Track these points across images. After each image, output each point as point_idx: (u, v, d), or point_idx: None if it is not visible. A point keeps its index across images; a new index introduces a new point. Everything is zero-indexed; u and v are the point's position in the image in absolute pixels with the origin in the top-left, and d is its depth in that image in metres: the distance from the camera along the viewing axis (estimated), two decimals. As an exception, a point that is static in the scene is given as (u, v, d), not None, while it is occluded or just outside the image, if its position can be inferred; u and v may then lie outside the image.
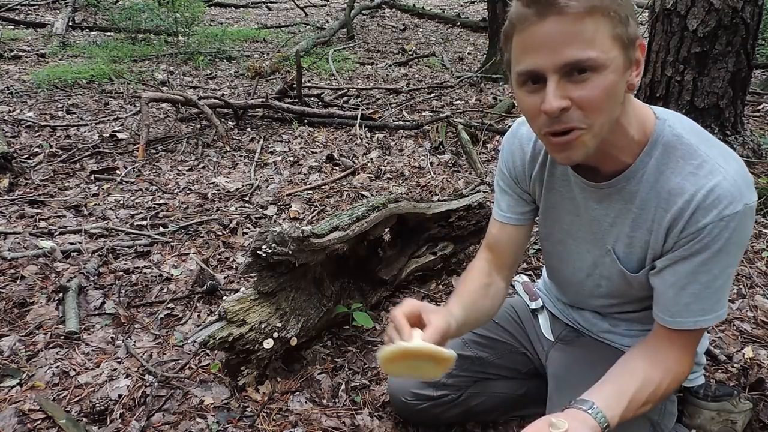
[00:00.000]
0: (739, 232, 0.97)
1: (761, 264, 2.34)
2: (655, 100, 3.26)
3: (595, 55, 0.86)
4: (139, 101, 3.94)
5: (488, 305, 1.26)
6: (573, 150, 0.94)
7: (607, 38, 0.86)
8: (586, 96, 0.88)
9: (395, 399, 1.51)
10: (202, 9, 7.79)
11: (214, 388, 1.69)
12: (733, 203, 0.94)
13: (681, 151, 0.99)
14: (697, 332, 1.07)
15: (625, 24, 0.88)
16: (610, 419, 0.97)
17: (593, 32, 0.85)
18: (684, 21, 3.08)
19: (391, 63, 6.57)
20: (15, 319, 1.99)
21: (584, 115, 0.90)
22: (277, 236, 1.59)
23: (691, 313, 1.03)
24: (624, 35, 0.88)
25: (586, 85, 0.88)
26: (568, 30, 0.85)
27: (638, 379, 1.04)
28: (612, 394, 1.02)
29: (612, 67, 0.88)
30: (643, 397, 1.02)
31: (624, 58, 0.89)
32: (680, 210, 0.98)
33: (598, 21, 0.85)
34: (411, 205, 2.09)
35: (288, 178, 3.35)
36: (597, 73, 0.87)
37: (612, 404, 0.99)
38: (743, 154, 3.20)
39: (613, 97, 0.91)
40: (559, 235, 1.24)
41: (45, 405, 1.59)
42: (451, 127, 3.98)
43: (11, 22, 7.75)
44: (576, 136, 0.92)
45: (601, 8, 0.85)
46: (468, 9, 10.83)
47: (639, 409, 1.03)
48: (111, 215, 2.81)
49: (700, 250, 0.99)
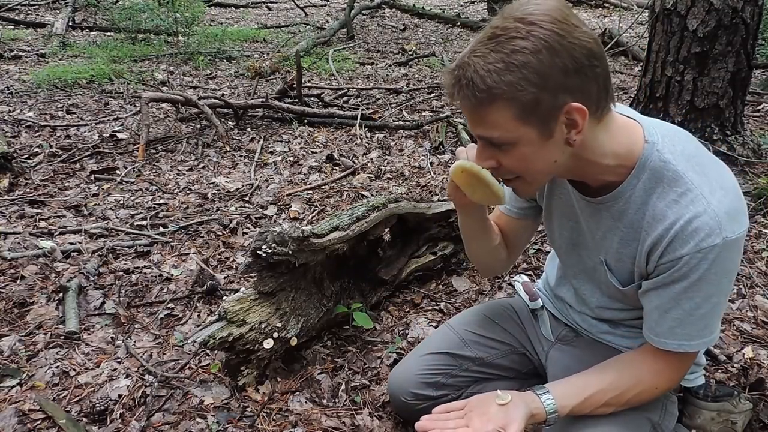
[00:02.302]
0: (720, 263, 0.96)
1: (761, 264, 2.34)
2: (655, 100, 3.26)
3: (498, 135, 0.93)
4: (139, 101, 3.94)
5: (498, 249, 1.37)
6: (518, 192, 1.07)
7: (509, 120, 0.91)
8: (506, 162, 0.98)
9: (395, 399, 1.51)
10: (202, 9, 7.79)
11: (214, 388, 1.69)
12: (711, 236, 0.94)
13: (667, 177, 0.99)
14: (684, 355, 1.08)
15: (532, 104, 0.88)
16: (560, 408, 1.09)
17: (495, 115, 0.91)
18: (684, 21, 3.08)
19: (391, 63, 6.56)
20: (15, 319, 1.99)
21: (512, 173, 1.00)
22: (277, 236, 1.59)
23: (676, 337, 1.05)
24: (532, 115, 0.90)
25: (505, 155, 0.97)
26: (473, 113, 0.94)
27: (605, 381, 1.12)
28: (572, 387, 1.13)
29: (523, 141, 0.93)
30: (604, 398, 1.10)
31: (539, 131, 0.92)
32: (659, 236, 0.99)
33: (494, 110, 0.90)
34: (411, 205, 2.09)
35: (288, 178, 3.35)
36: (511, 146, 0.94)
37: (568, 396, 1.10)
38: (743, 154, 3.20)
39: (536, 162, 0.96)
40: (560, 241, 1.26)
41: (45, 405, 1.59)
42: (451, 127, 3.98)
43: (11, 22, 7.75)
44: (513, 184, 1.04)
45: (495, 99, 0.89)
46: (468, 9, 10.83)
47: (598, 409, 1.11)
48: (111, 215, 2.81)
49: (680, 279, 1.00)
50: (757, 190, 2.82)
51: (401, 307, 2.11)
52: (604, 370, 1.14)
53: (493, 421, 1.06)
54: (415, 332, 1.95)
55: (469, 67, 0.89)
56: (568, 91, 0.89)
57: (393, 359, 1.82)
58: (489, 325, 1.49)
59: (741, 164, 3.16)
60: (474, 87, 0.89)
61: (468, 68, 0.89)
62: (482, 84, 0.88)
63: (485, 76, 0.87)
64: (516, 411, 1.08)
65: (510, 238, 1.38)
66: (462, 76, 0.90)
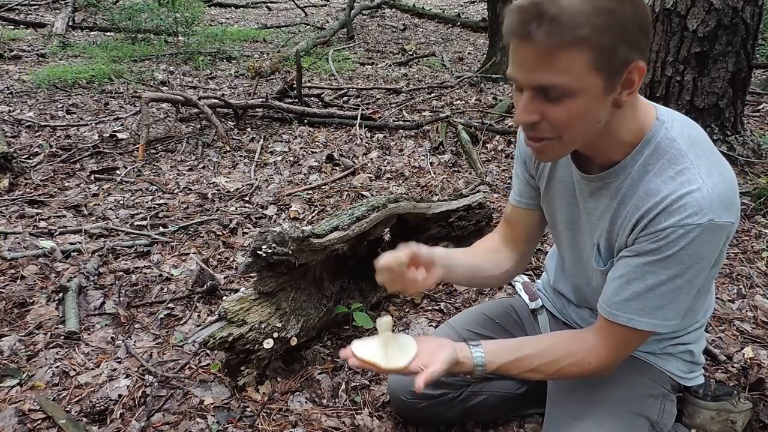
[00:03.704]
0: (698, 245, 0.96)
1: (761, 264, 2.34)
2: (655, 100, 3.20)
3: (565, 82, 0.88)
4: (139, 101, 3.94)
5: (490, 267, 1.32)
6: (543, 155, 1.02)
7: (583, 67, 0.88)
8: (555, 116, 0.92)
9: (395, 398, 1.51)
10: (202, 9, 7.79)
11: (214, 388, 1.69)
12: (698, 214, 0.94)
13: (669, 154, 0.99)
14: (629, 332, 1.06)
15: (611, 51, 0.87)
16: (488, 363, 1.12)
17: (568, 62, 0.87)
18: (684, 21, 3.08)
19: (391, 63, 6.57)
20: (15, 319, 1.99)
21: (553, 130, 0.94)
22: (277, 236, 1.59)
23: (629, 310, 1.04)
24: (606, 64, 0.88)
25: (557, 106, 0.91)
26: (542, 58, 0.87)
27: (539, 347, 1.15)
28: (505, 347, 1.17)
29: (586, 93, 0.90)
30: (534, 363, 1.13)
31: (605, 83, 0.90)
32: (648, 209, 0.99)
33: (573, 53, 0.86)
34: (411, 205, 2.09)
35: (288, 178, 3.35)
36: (569, 97, 0.90)
37: (498, 353, 1.14)
38: (743, 154, 3.20)
39: (585, 119, 0.93)
40: (559, 226, 1.26)
41: (45, 405, 1.59)
42: (451, 127, 3.98)
43: (11, 22, 7.75)
44: (544, 145, 0.98)
45: (577, 42, 0.85)
46: (468, 9, 10.83)
47: (526, 372, 1.14)
48: (111, 215, 2.81)
49: (654, 251, 0.99)
50: (757, 190, 2.82)
51: (401, 307, 2.12)
52: (544, 337, 1.20)
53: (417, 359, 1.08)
54: (415, 332, 1.95)
55: (554, 4, 0.83)
56: (638, 49, 0.90)
57: (393, 359, 1.82)
58: (489, 325, 1.49)
59: (741, 164, 3.16)
60: (559, 24, 0.83)
61: (554, 4, 0.83)
62: (569, 22, 0.83)
63: (574, 15, 0.83)
64: (442, 353, 1.09)
65: (523, 233, 1.36)
66: (546, 11, 0.83)
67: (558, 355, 1.12)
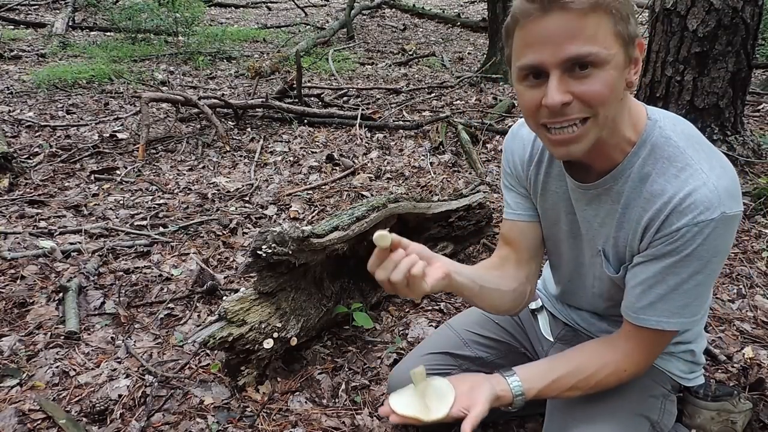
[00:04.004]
0: (714, 239, 0.96)
1: (761, 264, 2.34)
2: (655, 100, 3.26)
3: (596, 50, 0.88)
4: (139, 101, 3.94)
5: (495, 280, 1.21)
6: (574, 145, 0.96)
7: (609, 34, 0.89)
8: (588, 91, 0.90)
9: (395, 399, 1.50)
10: (202, 9, 7.79)
11: (214, 388, 1.69)
12: (710, 209, 0.94)
13: (667, 153, 0.99)
14: (659, 334, 1.06)
15: (626, 21, 0.89)
16: (527, 391, 1.09)
17: (595, 28, 0.87)
18: (684, 21, 3.08)
19: (391, 63, 6.57)
20: (15, 319, 1.99)
21: (587, 107, 0.92)
22: (277, 236, 1.59)
23: (656, 312, 1.04)
24: (624, 32, 0.90)
25: (588, 81, 0.90)
26: (571, 26, 0.87)
27: (572, 364, 1.12)
28: (539, 370, 1.13)
29: (613, 63, 0.90)
30: (571, 381, 1.10)
31: (624, 55, 0.91)
32: (657, 211, 0.99)
33: (600, 17, 0.87)
34: (411, 205, 2.09)
35: (288, 178, 3.35)
36: (598, 68, 0.89)
37: (535, 379, 1.10)
38: (743, 154, 3.20)
39: (615, 92, 0.92)
40: (560, 235, 1.25)
41: (45, 405, 1.59)
42: (451, 127, 3.98)
43: (11, 22, 7.75)
44: (580, 131, 0.93)
45: (603, 5, 0.87)
46: (468, 9, 10.83)
47: (565, 392, 1.11)
48: (111, 215, 2.81)
49: (671, 253, 0.99)
50: (757, 190, 2.82)
51: (401, 307, 2.11)
52: (572, 353, 1.15)
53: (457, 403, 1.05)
54: (415, 332, 1.95)
55: None
56: (637, 25, 0.93)
57: (393, 359, 1.82)
58: (489, 325, 1.49)
59: (741, 164, 3.16)
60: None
61: None
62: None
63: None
64: (480, 392, 1.06)
65: (525, 245, 1.28)
66: None
67: (593, 369, 1.11)
